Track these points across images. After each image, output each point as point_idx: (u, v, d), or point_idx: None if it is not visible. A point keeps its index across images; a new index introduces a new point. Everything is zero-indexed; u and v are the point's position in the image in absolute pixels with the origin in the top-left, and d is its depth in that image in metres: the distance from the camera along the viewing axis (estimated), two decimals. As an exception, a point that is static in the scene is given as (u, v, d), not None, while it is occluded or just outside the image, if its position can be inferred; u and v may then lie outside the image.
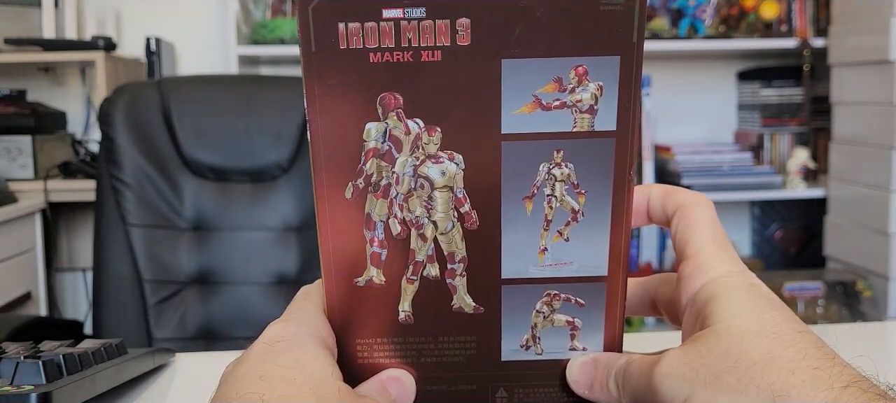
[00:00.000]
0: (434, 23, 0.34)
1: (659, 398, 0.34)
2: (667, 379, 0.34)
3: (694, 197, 0.39)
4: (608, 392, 0.38)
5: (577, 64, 0.34)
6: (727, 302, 0.35)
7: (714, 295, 0.35)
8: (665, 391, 0.34)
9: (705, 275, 0.36)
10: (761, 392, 0.31)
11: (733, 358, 0.32)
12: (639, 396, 0.36)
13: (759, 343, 0.32)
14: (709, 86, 2.52)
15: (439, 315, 0.38)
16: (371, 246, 0.37)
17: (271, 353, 0.35)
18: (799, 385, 0.30)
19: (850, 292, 2.08)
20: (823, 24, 2.29)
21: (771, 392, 0.31)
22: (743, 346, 0.32)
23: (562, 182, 0.37)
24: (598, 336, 0.39)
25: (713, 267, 0.36)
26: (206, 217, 1.37)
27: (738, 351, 0.32)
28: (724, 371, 0.32)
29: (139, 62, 2.27)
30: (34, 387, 0.47)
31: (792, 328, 0.33)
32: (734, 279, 0.36)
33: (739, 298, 0.35)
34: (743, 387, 0.31)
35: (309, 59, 0.34)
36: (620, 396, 0.37)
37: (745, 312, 0.34)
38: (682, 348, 0.35)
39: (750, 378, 0.31)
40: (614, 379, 0.38)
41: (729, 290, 0.35)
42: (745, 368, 0.32)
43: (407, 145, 0.36)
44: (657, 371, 0.34)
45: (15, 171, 2.05)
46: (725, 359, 0.32)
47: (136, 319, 1.32)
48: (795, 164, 2.25)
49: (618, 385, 0.38)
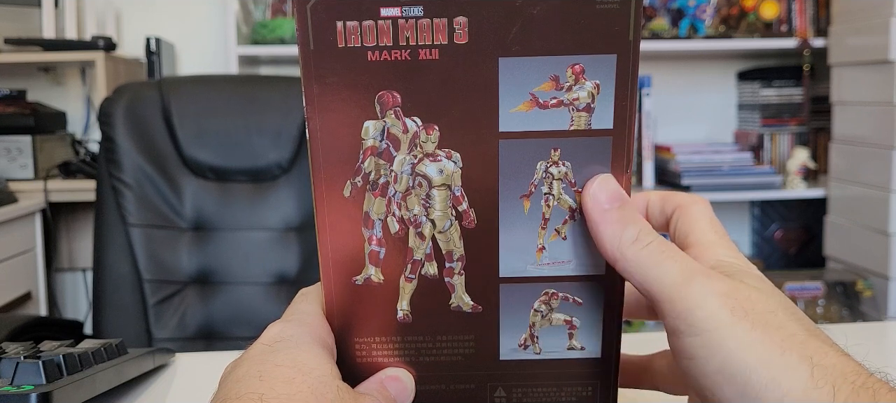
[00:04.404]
0: (432, 21, 0.34)
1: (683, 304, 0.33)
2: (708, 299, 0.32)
3: (692, 197, 0.39)
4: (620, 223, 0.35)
5: (573, 62, 0.34)
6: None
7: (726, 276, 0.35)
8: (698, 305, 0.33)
9: (710, 260, 0.36)
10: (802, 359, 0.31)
11: (777, 322, 0.32)
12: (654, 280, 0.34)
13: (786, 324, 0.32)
14: (709, 86, 2.52)
15: (438, 314, 0.38)
16: (369, 245, 0.37)
17: (270, 353, 0.35)
18: (831, 365, 0.31)
19: (850, 292, 2.08)
20: (823, 24, 2.29)
21: (810, 361, 0.31)
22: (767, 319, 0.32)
23: (559, 180, 0.37)
24: (596, 336, 0.39)
25: (717, 253, 0.36)
26: (206, 217, 1.37)
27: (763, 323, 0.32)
28: (773, 328, 0.32)
29: (139, 62, 2.27)
30: (34, 387, 0.47)
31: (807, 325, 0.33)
32: (741, 267, 0.36)
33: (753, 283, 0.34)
34: (786, 348, 0.31)
35: (307, 58, 0.34)
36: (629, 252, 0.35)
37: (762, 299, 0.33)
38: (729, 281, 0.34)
39: (792, 345, 0.31)
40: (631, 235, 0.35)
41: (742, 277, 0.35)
42: (789, 334, 0.32)
43: (405, 143, 0.36)
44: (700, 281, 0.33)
45: (15, 171, 2.05)
46: (772, 317, 0.32)
47: (136, 319, 1.32)
48: (795, 164, 2.25)
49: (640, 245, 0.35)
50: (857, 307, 2.06)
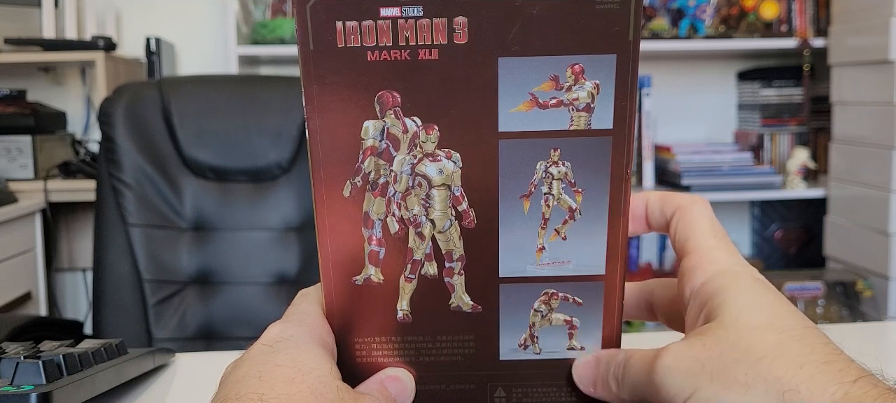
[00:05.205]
0: (431, 21, 0.34)
1: (662, 393, 0.33)
2: (670, 373, 0.33)
3: (691, 197, 0.39)
4: (609, 388, 0.38)
5: (573, 62, 0.34)
6: (734, 294, 0.34)
7: (720, 288, 0.35)
8: (669, 385, 0.33)
9: (709, 268, 0.36)
10: (769, 386, 0.30)
11: (741, 351, 0.32)
12: (639, 392, 0.35)
13: (767, 337, 0.32)
14: (709, 86, 2.52)
15: (437, 314, 0.38)
16: (369, 245, 0.37)
17: (270, 353, 0.35)
18: (808, 379, 0.30)
19: (850, 292, 2.08)
20: (823, 24, 2.29)
21: (779, 386, 0.30)
22: (751, 339, 0.32)
23: (559, 180, 0.37)
24: (596, 336, 0.39)
25: (716, 259, 0.36)
26: (206, 217, 1.37)
27: (747, 344, 0.32)
28: (732, 364, 0.31)
29: (139, 62, 2.27)
30: (34, 387, 0.47)
31: (799, 323, 0.33)
32: (739, 272, 0.36)
33: (747, 291, 0.34)
34: (750, 381, 0.31)
35: (307, 58, 0.34)
36: (620, 392, 0.37)
37: (753, 305, 0.33)
38: (687, 341, 0.34)
39: (758, 372, 0.31)
40: (614, 375, 0.37)
41: (736, 283, 0.35)
42: (754, 361, 0.31)
43: (405, 143, 0.36)
44: (659, 365, 0.33)
45: (15, 171, 2.05)
46: (732, 351, 0.32)
47: (136, 319, 1.32)
48: (795, 164, 2.25)
49: (617, 380, 0.37)
50: (857, 307, 2.06)
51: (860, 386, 0.30)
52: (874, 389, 0.29)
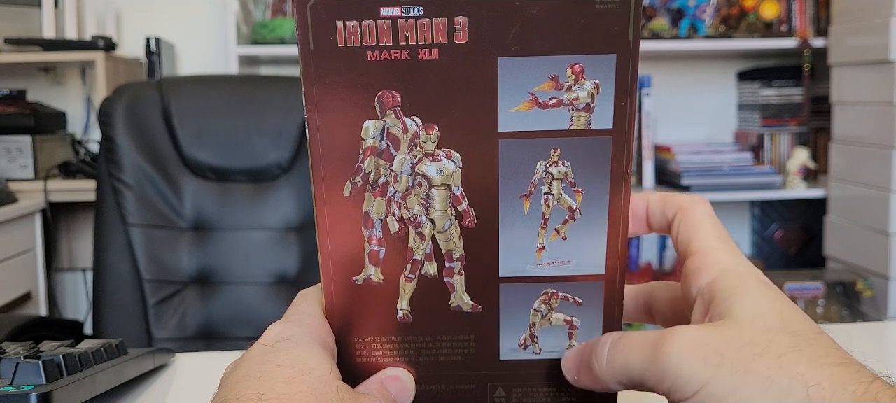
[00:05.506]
0: (431, 21, 0.34)
1: (667, 380, 0.32)
2: (683, 360, 0.32)
3: (692, 198, 0.39)
4: (591, 373, 0.36)
5: (573, 62, 0.34)
6: (743, 296, 0.34)
7: (728, 287, 0.34)
8: (680, 372, 0.31)
9: (714, 268, 0.36)
10: (794, 380, 0.30)
11: (761, 348, 0.31)
12: (634, 376, 0.34)
13: (783, 339, 0.32)
14: (709, 86, 2.52)
15: (437, 313, 0.38)
16: (369, 245, 0.37)
17: (270, 354, 0.35)
18: (829, 377, 0.30)
19: (850, 292, 2.08)
20: (823, 24, 2.29)
21: (803, 381, 0.30)
22: (769, 338, 0.32)
23: (559, 180, 0.37)
24: (596, 335, 0.39)
25: (721, 260, 0.36)
26: (206, 217, 1.37)
27: (765, 342, 0.31)
28: (753, 358, 0.31)
29: (139, 62, 2.27)
30: (34, 387, 0.47)
31: (810, 326, 0.33)
32: (746, 273, 0.35)
33: (755, 293, 0.34)
34: (774, 375, 0.30)
35: (307, 58, 0.34)
36: (604, 374, 0.35)
37: (763, 307, 0.33)
38: (700, 328, 0.33)
39: (780, 366, 0.30)
40: (596, 357, 0.35)
41: (744, 284, 0.34)
42: (775, 356, 0.31)
43: (405, 143, 0.36)
44: (669, 350, 0.32)
45: (15, 171, 2.05)
46: (752, 348, 0.31)
47: (136, 319, 1.32)
48: (795, 164, 2.25)
49: (600, 361, 0.35)
50: (857, 307, 2.06)
51: (877, 386, 0.30)
52: (889, 390, 0.30)
